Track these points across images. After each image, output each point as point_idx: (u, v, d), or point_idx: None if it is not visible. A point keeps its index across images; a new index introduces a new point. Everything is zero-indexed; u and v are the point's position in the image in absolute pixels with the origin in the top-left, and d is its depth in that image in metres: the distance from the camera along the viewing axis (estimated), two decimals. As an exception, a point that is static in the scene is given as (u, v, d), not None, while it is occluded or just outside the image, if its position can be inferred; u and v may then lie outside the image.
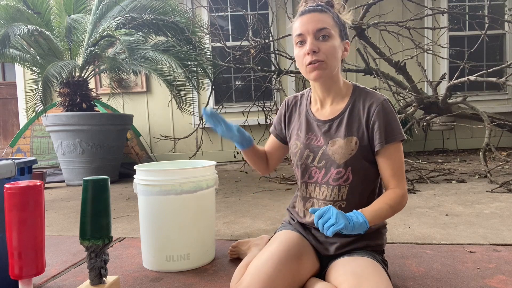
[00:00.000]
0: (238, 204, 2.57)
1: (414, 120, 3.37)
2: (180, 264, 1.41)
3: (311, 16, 1.06)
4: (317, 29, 1.04)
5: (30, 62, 3.99)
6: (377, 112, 1.07)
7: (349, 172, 1.09)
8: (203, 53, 4.20)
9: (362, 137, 1.09)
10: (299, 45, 1.08)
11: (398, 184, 1.07)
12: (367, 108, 1.09)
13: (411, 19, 3.41)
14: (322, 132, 1.14)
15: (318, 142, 1.14)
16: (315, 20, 1.05)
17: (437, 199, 2.45)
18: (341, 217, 0.91)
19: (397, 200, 1.04)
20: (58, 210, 2.62)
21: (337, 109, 1.14)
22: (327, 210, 0.93)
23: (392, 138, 1.07)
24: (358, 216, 0.95)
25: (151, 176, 1.39)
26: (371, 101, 1.09)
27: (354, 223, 0.93)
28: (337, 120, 1.12)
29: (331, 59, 1.06)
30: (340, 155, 1.09)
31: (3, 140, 6.09)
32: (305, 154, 1.16)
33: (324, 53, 1.04)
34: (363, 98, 1.11)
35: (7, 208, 1.01)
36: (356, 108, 1.11)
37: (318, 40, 1.05)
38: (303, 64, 1.07)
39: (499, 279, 1.23)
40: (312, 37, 1.04)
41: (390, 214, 1.03)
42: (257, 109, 4.42)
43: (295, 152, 1.19)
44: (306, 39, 1.05)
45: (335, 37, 1.06)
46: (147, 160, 4.75)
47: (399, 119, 3.41)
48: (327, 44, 1.05)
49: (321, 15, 1.06)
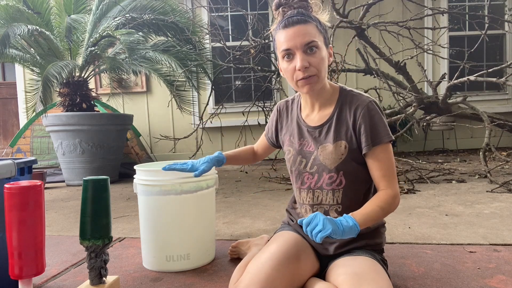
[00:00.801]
0: (238, 204, 2.57)
1: (414, 120, 3.37)
2: (180, 264, 1.41)
3: (297, 30, 1.03)
4: (305, 43, 1.02)
5: (30, 62, 3.99)
6: (363, 115, 1.07)
7: (341, 176, 1.10)
8: (203, 53, 4.20)
9: (351, 140, 1.09)
10: (286, 59, 1.06)
11: (389, 185, 1.07)
12: (353, 111, 1.09)
13: (411, 19, 3.41)
14: (313, 138, 1.15)
15: (310, 148, 1.15)
16: (302, 34, 1.02)
17: (437, 199, 2.45)
18: (328, 223, 0.90)
19: (388, 201, 1.04)
20: (58, 210, 2.62)
21: (325, 114, 1.14)
22: (313, 217, 0.92)
23: (378, 140, 1.07)
24: (348, 220, 0.94)
25: (151, 176, 1.39)
26: (356, 104, 1.09)
27: (344, 227, 0.92)
28: (326, 125, 1.13)
29: (322, 71, 1.06)
30: (330, 160, 1.10)
31: (3, 140, 6.10)
32: (298, 160, 1.17)
33: (315, 67, 1.04)
34: (349, 101, 1.11)
35: (7, 208, 1.01)
36: (343, 112, 1.11)
37: (306, 53, 1.03)
38: (294, 79, 1.06)
39: (499, 279, 1.23)
40: (301, 52, 1.03)
41: (381, 216, 1.03)
42: (257, 109, 4.42)
43: (288, 157, 1.20)
44: (295, 53, 1.04)
45: (322, 48, 1.05)
46: (147, 160, 4.75)
47: (399, 119, 3.43)
48: (316, 57, 1.04)
49: (306, 26, 1.03)
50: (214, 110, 4.52)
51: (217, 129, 5.39)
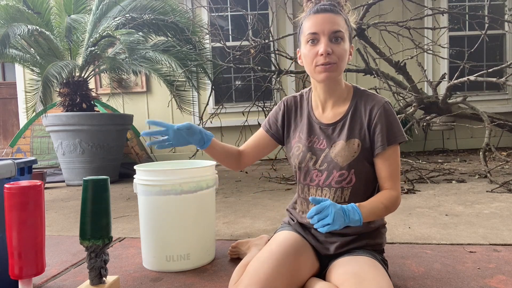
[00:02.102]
0: (238, 204, 2.57)
1: (414, 120, 3.37)
2: (180, 264, 1.41)
3: (326, 17, 1.04)
4: (332, 31, 1.03)
5: (30, 62, 3.99)
6: (379, 114, 1.08)
7: (352, 175, 1.10)
8: (203, 53, 4.20)
9: (364, 139, 1.10)
10: (310, 44, 1.06)
11: (393, 186, 1.09)
12: (369, 110, 1.10)
13: (411, 19, 3.41)
14: (326, 135, 1.14)
15: (321, 145, 1.14)
16: (331, 21, 1.04)
17: (437, 199, 2.45)
18: (338, 218, 0.92)
19: (391, 200, 1.06)
20: (58, 210, 2.62)
21: (339, 112, 1.14)
22: (326, 207, 0.93)
23: (394, 140, 1.08)
24: (355, 213, 0.97)
25: (151, 176, 1.39)
26: (372, 104, 1.10)
27: (350, 220, 0.95)
28: (340, 123, 1.13)
29: (342, 62, 1.06)
30: (343, 158, 1.09)
31: (3, 140, 6.09)
32: (307, 156, 1.15)
33: (337, 56, 1.04)
34: (364, 100, 1.12)
35: (7, 208, 1.01)
36: (358, 110, 1.12)
37: (331, 42, 1.04)
38: (313, 63, 1.06)
39: (499, 279, 1.23)
40: (327, 38, 1.04)
41: (383, 214, 1.05)
42: (257, 109, 4.42)
43: (297, 154, 1.17)
44: (320, 39, 1.04)
45: (346, 41, 1.07)
46: (147, 160, 4.75)
47: (399, 119, 3.42)
48: (340, 47, 1.05)
49: (336, 16, 1.05)
50: (214, 110, 4.52)
51: (217, 129, 5.39)
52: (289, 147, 1.22)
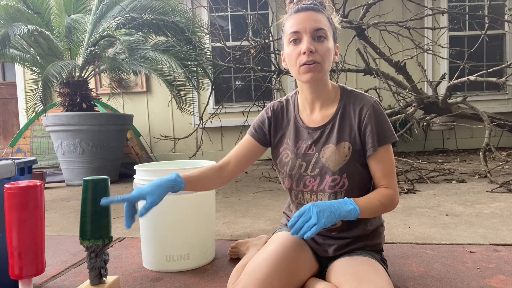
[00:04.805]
0: (238, 204, 2.57)
1: (414, 120, 3.37)
2: (180, 264, 1.41)
3: (308, 15, 1.02)
4: (315, 28, 1.01)
5: (30, 62, 3.99)
6: (369, 115, 1.06)
7: (344, 179, 1.07)
8: (203, 53, 4.20)
9: (355, 141, 1.07)
10: (292, 44, 1.04)
11: (390, 184, 1.07)
12: (358, 111, 1.07)
13: (411, 19, 3.41)
14: (314, 139, 1.10)
15: (310, 150, 1.11)
16: (313, 19, 1.02)
17: (437, 199, 2.45)
18: (322, 216, 0.91)
19: (388, 198, 1.04)
20: (58, 210, 2.62)
21: (327, 114, 1.11)
22: (307, 209, 0.92)
23: (384, 140, 1.06)
24: (346, 203, 0.95)
25: (151, 176, 1.39)
26: (361, 104, 1.08)
27: (340, 211, 0.93)
28: (329, 125, 1.10)
29: (326, 61, 1.03)
30: (334, 162, 1.07)
31: (3, 140, 6.09)
32: (297, 163, 1.12)
33: (321, 54, 1.02)
34: (353, 101, 1.09)
35: (7, 208, 1.01)
36: (346, 112, 1.09)
37: (314, 40, 1.02)
38: (297, 64, 1.03)
39: (499, 279, 1.23)
40: (309, 36, 1.01)
41: (379, 211, 1.03)
42: (257, 109, 4.42)
43: (286, 161, 1.14)
44: (302, 38, 1.02)
45: (329, 39, 1.04)
46: (147, 160, 4.75)
47: (399, 119, 3.43)
48: (323, 45, 1.02)
49: (318, 14, 1.03)
50: (214, 110, 4.51)
51: (217, 129, 5.39)
52: (276, 153, 1.18)
